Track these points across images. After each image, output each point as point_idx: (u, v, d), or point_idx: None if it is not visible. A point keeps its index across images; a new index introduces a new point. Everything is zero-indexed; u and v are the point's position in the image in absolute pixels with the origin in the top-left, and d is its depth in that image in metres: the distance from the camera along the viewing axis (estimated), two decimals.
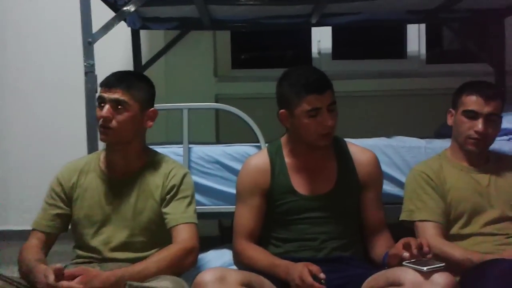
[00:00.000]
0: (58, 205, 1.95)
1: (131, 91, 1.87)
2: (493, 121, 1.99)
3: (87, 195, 1.93)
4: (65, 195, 1.95)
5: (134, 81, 1.91)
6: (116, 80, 1.88)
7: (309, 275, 1.65)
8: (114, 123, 1.85)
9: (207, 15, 3.08)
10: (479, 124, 1.97)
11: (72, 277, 1.62)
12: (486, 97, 1.98)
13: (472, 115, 1.99)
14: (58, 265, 1.64)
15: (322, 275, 1.65)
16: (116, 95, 1.85)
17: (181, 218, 1.87)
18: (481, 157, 2.06)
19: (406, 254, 1.64)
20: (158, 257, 1.78)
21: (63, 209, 1.95)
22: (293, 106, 1.87)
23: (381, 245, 1.91)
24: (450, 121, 2.09)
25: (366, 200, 1.98)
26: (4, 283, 1.69)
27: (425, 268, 1.57)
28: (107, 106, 1.84)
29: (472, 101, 1.99)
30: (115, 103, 1.85)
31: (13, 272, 1.99)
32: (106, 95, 1.85)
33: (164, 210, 1.90)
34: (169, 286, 1.62)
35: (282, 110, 1.92)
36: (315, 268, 1.66)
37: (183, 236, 1.84)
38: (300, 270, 1.67)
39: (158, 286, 1.60)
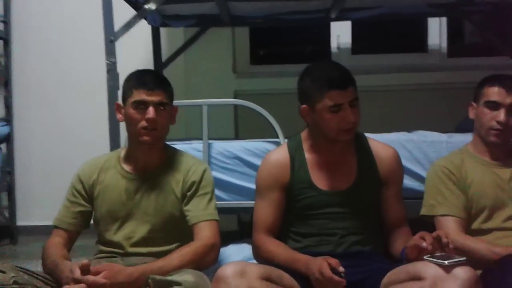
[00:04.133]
0: (80, 203, 1.97)
1: (168, 92, 1.92)
2: None
3: (108, 192, 1.96)
4: (86, 193, 1.98)
5: (166, 82, 1.96)
6: (157, 82, 1.91)
7: (328, 269, 1.65)
8: (158, 124, 1.88)
9: (226, 12, 3.09)
10: (501, 115, 1.96)
11: (97, 273, 1.64)
12: (508, 88, 1.97)
13: (494, 105, 1.98)
14: (85, 261, 1.67)
15: (341, 269, 1.65)
16: (160, 97, 1.88)
17: (202, 215, 1.89)
18: (503, 151, 2.04)
19: (424, 244, 1.62)
20: (181, 252, 1.80)
21: (84, 206, 1.98)
22: (315, 101, 1.86)
23: (400, 241, 1.90)
24: (471, 114, 2.08)
25: (386, 197, 1.97)
26: (30, 277, 1.72)
27: (446, 262, 1.56)
28: (152, 109, 1.87)
29: (494, 92, 1.98)
30: (159, 105, 1.88)
31: (36, 266, 2.02)
32: (149, 98, 1.87)
33: (185, 207, 1.92)
34: (191, 280, 1.63)
35: (303, 106, 1.91)
36: (334, 261, 1.66)
37: (205, 233, 1.86)
38: (320, 264, 1.67)
39: (180, 279, 1.61)
